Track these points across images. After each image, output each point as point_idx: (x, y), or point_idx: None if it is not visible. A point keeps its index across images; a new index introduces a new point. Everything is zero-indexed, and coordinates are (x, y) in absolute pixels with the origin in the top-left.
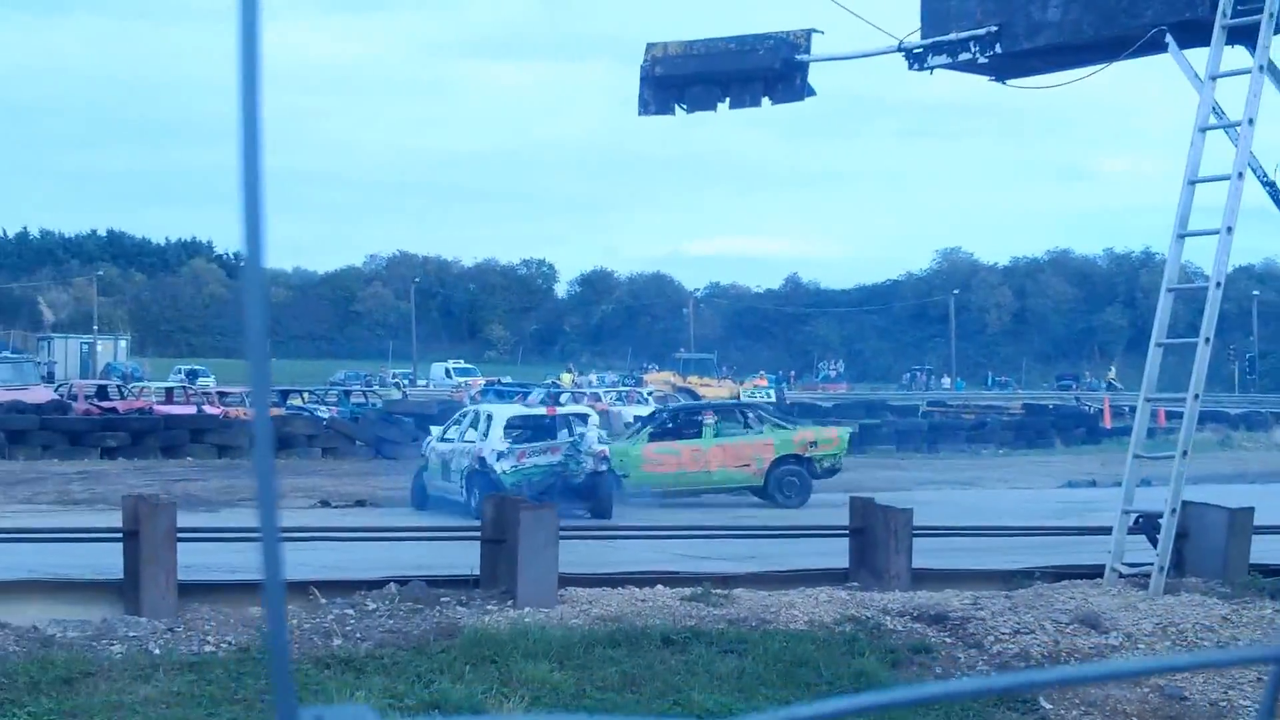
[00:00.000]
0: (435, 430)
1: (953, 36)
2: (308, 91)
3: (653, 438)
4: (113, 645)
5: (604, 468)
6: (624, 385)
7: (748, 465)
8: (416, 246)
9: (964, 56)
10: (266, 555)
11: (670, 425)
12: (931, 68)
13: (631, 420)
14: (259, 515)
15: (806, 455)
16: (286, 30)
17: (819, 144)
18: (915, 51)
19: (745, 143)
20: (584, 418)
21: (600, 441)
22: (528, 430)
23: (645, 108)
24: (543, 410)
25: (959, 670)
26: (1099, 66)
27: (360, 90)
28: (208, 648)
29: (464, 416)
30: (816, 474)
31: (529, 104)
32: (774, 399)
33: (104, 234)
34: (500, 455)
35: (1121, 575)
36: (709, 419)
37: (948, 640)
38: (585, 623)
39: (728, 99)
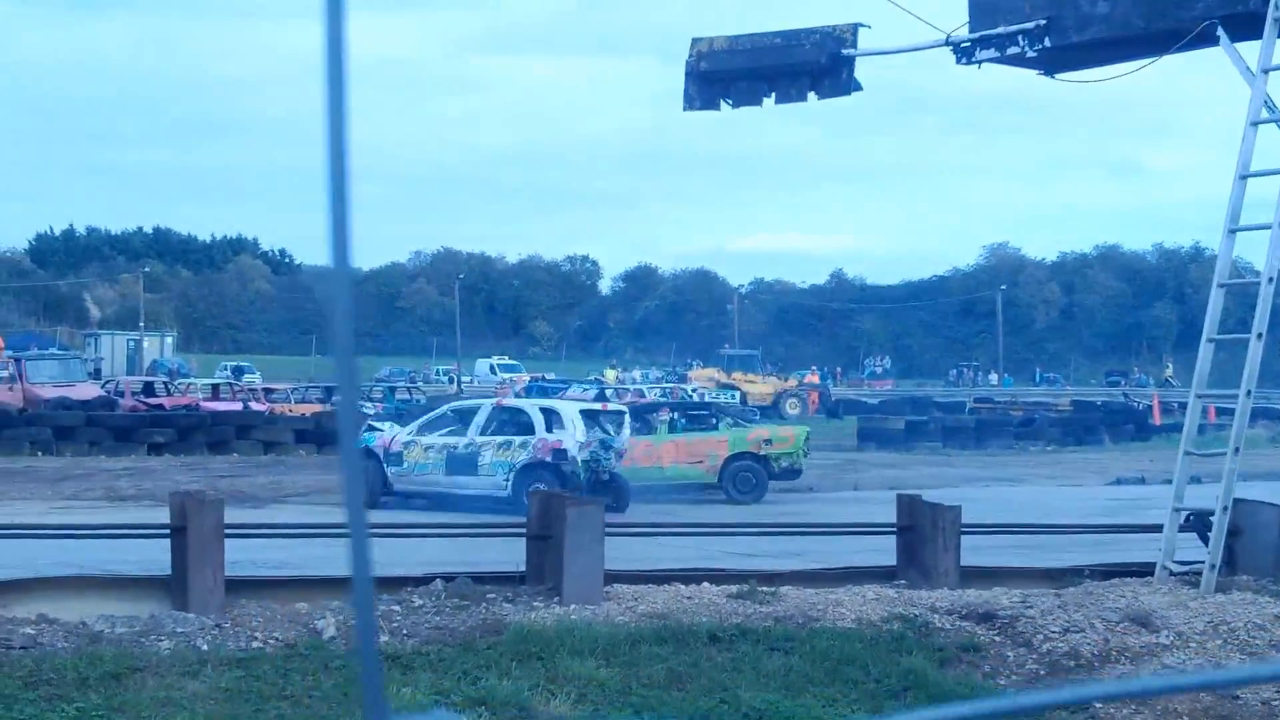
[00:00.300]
0: (387, 426)
1: (1001, 30)
2: (350, 88)
3: None
4: (161, 641)
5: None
6: (668, 382)
7: (701, 462)
8: (460, 243)
9: (1012, 51)
10: (355, 554)
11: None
12: (979, 62)
13: None
14: (347, 513)
15: (762, 453)
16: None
17: (864, 139)
18: (963, 46)
19: (789, 138)
20: (619, 415)
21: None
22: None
23: (690, 103)
24: (598, 405)
25: (1008, 669)
26: (1149, 60)
27: (403, 87)
28: (255, 644)
29: (460, 413)
30: (774, 473)
31: (572, 100)
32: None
33: (150, 231)
34: (580, 447)
35: (1172, 573)
36: (663, 416)
37: (996, 639)
38: (631, 620)
39: (773, 94)
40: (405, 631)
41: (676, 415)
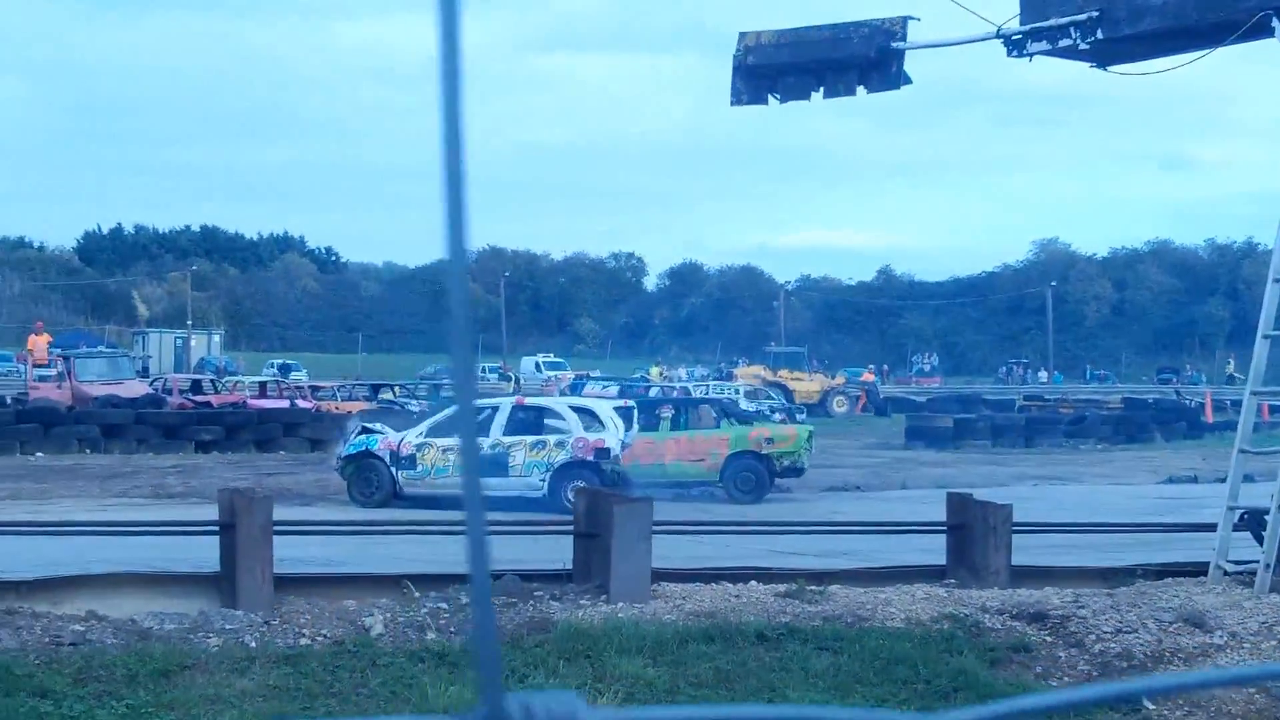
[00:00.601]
0: (376, 426)
1: (1052, 22)
2: (397, 87)
3: None
4: (209, 638)
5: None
6: (713, 379)
7: (702, 460)
8: (506, 240)
9: (1064, 43)
10: (472, 547)
11: None
12: (1031, 54)
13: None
14: (466, 509)
15: (763, 452)
16: (376, 27)
17: (911, 133)
18: (1014, 38)
19: (835, 133)
20: (627, 411)
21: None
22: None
23: (738, 98)
24: (621, 402)
25: (1060, 670)
26: (1203, 52)
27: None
28: (303, 641)
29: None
30: (776, 471)
31: (619, 97)
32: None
33: (197, 229)
34: (624, 446)
35: (1226, 573)
36: (665, 413)
37: (1048, 639)
38: (679, 618)
39: (822, 88)
40: (452, 629)
41: (677, 412)
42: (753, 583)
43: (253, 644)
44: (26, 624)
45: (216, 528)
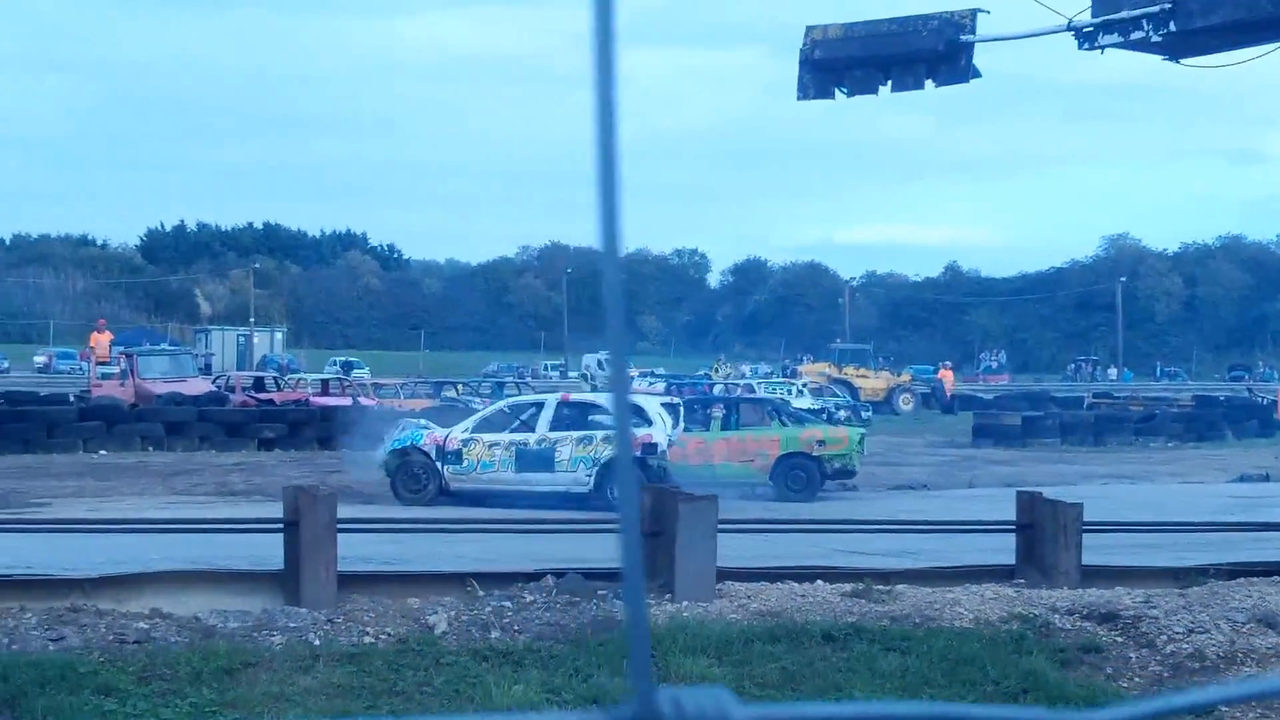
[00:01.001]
0: (421, 421)
1: (1124, 14)
2: (457, 83)
3: None
4: (273, 636)
5: None
6: (777, 377)
7: (752, 460)
8: (568, 237)
9: (1136, 35)
10: (626, 545)
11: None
12: (1102, 47)
13: None
14: (621, 507)
15: (814, 454)
16: (436, 23)
17: (977, 128)
18: (1085, 30)
19: (899, 128)
20: (673, 408)
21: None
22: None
23: (805, 92)
24: (669, 398)
25: (1130, 671)
26: (1276, 45)
27: (507, 81)
28: (367, 639)
29: (516, 409)
30: (827, 473)
31: (679, 91)
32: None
33: (260, 227)
34: (671, 443)
35: None
36: (716, 412)
37: (1119, 639)
38: (744, 617)
39: (890, 81)
40: (517, 628)
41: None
42: (819, 582)
43: (316, 642)
44: (91, 622)
45: (280, 525)
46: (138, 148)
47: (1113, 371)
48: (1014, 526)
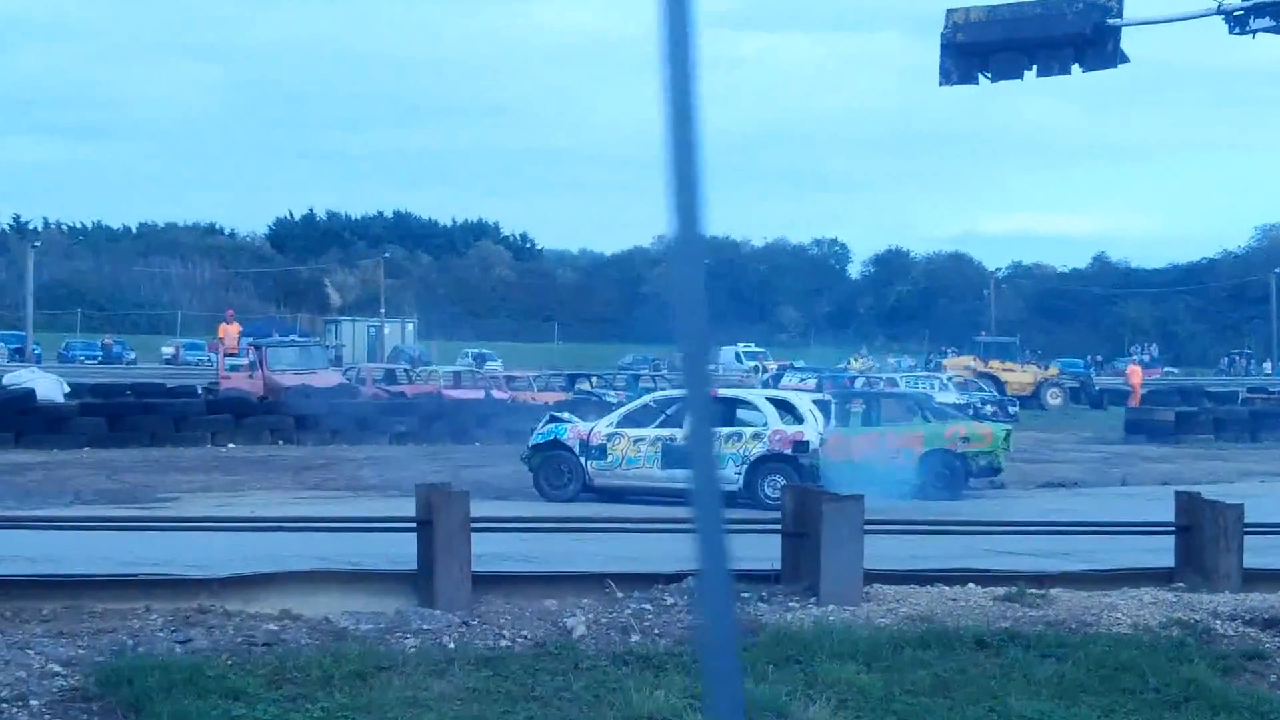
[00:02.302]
0: (565, 415)
1: None
2: (590, 68)
3: None
4: (406, 639)
5: None
6: (921, 370)
7: (895, 457)
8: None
9: None
10: (705, 541)
11: None
12: (1254, 31)
13: None
14: (697, 500)
15: (959, 450)
16: (571, 6)
17: (1124, 114)
18: (1236, 14)
19: (1042, 115)
20: (824, 405)
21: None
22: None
23: (947, 77)
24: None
25: None
26: None
27: (640, 66)
28: (503, 642)
29: (663, 404)
30: (972, 470)
31: (814, 78)
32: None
33: (390, 216)
34: (823, 440)
35: None
36: (856, 407)
37: None
38: (892, 622)
39: (1035, 66)
40: (657, 631)
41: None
42: (970, 585)
43: (451, 645)
44: (219, 623)
45: (413, 524)
46: (266, 135)
47: (1267, 365)
48: (1172, 528)
